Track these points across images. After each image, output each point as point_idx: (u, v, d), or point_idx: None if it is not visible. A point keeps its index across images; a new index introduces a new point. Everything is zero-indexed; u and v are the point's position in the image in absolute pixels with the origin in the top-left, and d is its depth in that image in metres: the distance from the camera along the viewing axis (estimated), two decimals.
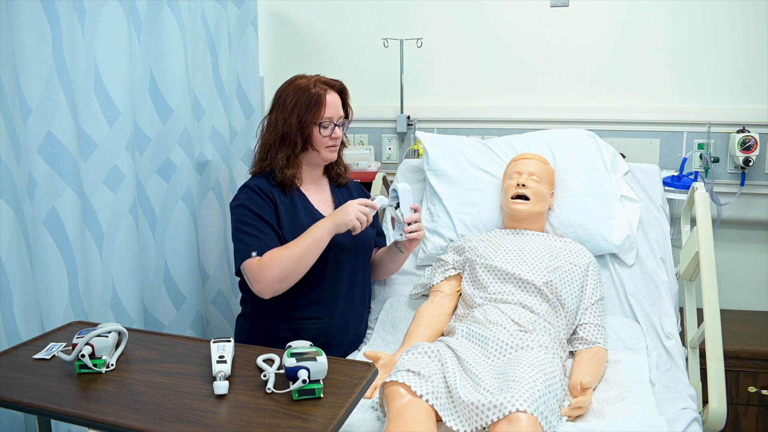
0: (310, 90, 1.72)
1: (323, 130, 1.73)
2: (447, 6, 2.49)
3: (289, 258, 1.62)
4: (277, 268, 1.62)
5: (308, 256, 1.64)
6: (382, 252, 1.97)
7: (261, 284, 1.63)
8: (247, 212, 1.70)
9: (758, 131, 2.23)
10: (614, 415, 1.46)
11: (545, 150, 2.08)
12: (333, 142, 1.77)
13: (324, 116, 1.72)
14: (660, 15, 2.33)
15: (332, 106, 1.74)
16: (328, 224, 1.65)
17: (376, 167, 2.47)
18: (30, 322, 1.48)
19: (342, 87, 1.80)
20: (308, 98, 1.72)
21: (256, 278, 1.63)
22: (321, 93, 1.72)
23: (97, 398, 1.18)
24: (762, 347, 2.10)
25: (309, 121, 1.72)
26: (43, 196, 1.50)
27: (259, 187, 1.73)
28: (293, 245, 1.64)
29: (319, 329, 1.75)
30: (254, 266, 1.63)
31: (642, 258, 1.96)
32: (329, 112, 1.73)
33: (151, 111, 1.85)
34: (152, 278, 1.90)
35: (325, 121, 1.73)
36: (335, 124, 1.75)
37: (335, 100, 1.76)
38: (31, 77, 1.44)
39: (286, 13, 2.64)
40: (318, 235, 1.64)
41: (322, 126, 1.73)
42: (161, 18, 1.83)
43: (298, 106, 1.72)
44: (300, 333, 1.66)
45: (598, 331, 1.71)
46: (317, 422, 1.09)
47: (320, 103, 1.72)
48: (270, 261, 1.62)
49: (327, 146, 1.76)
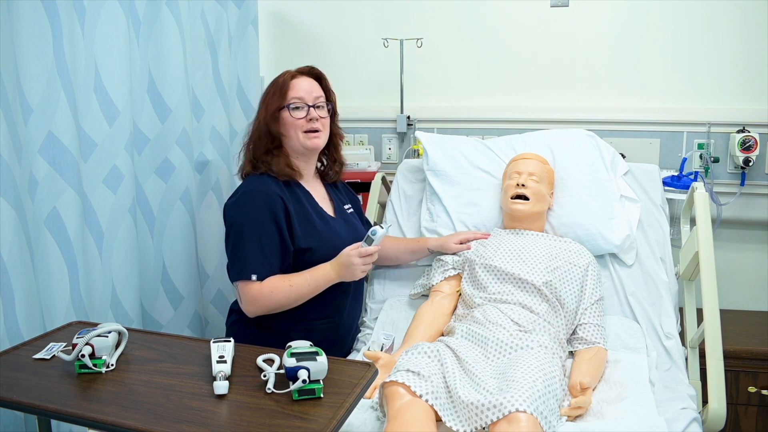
0: (278, 79, 1.73)
1: (294, 112, 1.70)
2: (447, 6, 2.50)
3: (288, 296, 1.64)
4: (274, 302, 1.64)
5: (306, 298, 1.67)
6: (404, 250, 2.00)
7: (252, 307, 1.65)
8: (250, 226, 1.64)
9: (758, 131, 2.23)
10: (614, 415, 1.46)
11: (545, 150, 2.08)
12: (310, 126, 1.71)
13: (291, 97, 1.70)
14: (660, 15, 2.33)
15: (301, 88, 1.71)
16: (333, 277, 1.65)
17: (376, 167, 2.47)
18: (32, 322, 1.48)
19: (316, 72, 1.78)
20: (274, 86, 1.73)
21: (249, 301, 1.64)
22: (286, 78, 1.72)
23: (97, 398, 1.18)
24: (762, 347, 2.10)
25: (276, 106, 1.70)
26: (45, 196, 1.50)
27: (265, 191, 1.67)
28: (297, 285, 1.64)
29: (329, 329, 1.77)
30: (252, 291, 1.63)
31: (642, 258, 1.96)
32: (298, 93, 1.71)
33: (149, 111, 1.85)
34: (150, 278, 1.90)
35: (293, 102, 1.70)
36: (310, 106, 1.71)
37: (306, 83, 1.73)
38: (31, 77, 1.44)
39: (286, 13, 2.64)
40: (321, 284, 1.66)
41: (291, 107, 1.70)
42: (160, 18, 1.83)
43: (267, 96, 1.73)
44: (312, 333, 1.65)
45: (598, 331, 1.71)
46: (317, 422, 1.09)
47: (285, 86, 1.71)
48: (270, 293, 1.62)
49: (305, 130, 1.71)
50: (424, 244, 1.98)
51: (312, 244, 1.69)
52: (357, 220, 1.90)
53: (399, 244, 2.03)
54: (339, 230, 1.77)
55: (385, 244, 1.97)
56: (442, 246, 1.94)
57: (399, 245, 2.02)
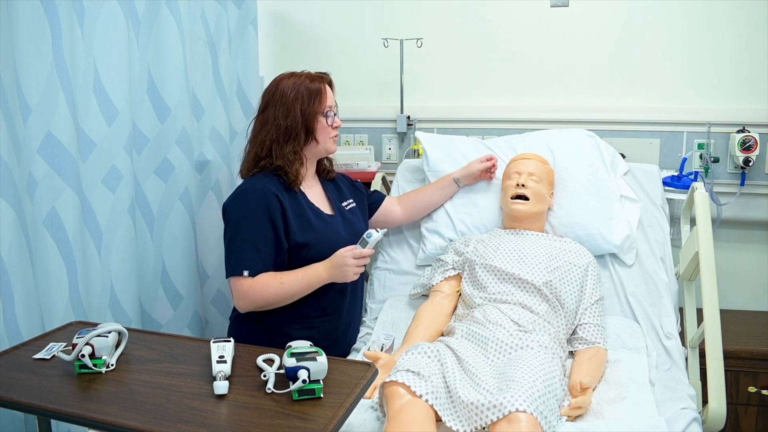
0: (308, 82, 1.75)
1: (327, 119, 1.77)
2: (447, 6, 2.49)
3: (279, 294, 1.65)
4: (264, 298, 1.65)
5: (297, 296, 1.68)
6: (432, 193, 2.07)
7: (242, 302, 1.67)
8: (246, 223, 1.67)
9: (758, 131, 2.23)
10: (614, 415, 1.46)
11: (545, 150, 2.08)
12: (335, 132, 1.80)
13: (327, 105, 1.76)
14: (660, 15, 2.33)
15: (330, 96, 1.79)
16: (325, 277, 1.67)
17: (376, 167, 2.46)
18: (31, 322, 1.48)
19: (330, 80, 1.84)
20: (309, 90, 1.74)
21: (240, 297, 1.66)
22: (320, 84, 1.76)
23: (97, 398, 1.18)
24: (762, 347, 2.10)
25: (313, 111, 1.74)
26: (43, 196, 1.50)
27: (262, 190, 1.69)
28: (288, 282, 1.66)
29: (329, 327, 1.77)
30: (243, 286, 1.65)
31: (642, 258, 1.96)
32: (330, 101, 1.78)
33: (149, 111, 1.85)
34: (149, 278, 1.89)
35: (329, 110, 1.77)
36: (334, 113, 1.79)
37: (330, 91, 1.80)
38: (31, 77, 1.44)
39: (286, 13, 2.64)
40: (313, 284, 1.68)
41: (327, 114, 1.76)
42: (160, 18, 1.83)
43: (300, 98, 1.73)
44: (313, 332, 1.67)
45: (598, 331, 1.71)
46: (317, 422, 1.09)
47: (322, 93, 1.75)
48: (260, 289, 1.64)
49: (331, 136, 1.79)
50: (449, 178, 2.07)
51: (308, 240, 1.71)
52: (358, 216, 1.90)
53: (425, 190, 2.09)
54: (337, 228, 1.79)
55: (410, 196, 2.08)
56: (466, 174, 2.05)
57: (425, 191, 2.09)
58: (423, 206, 2.08)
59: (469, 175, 2.05)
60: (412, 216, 2.09)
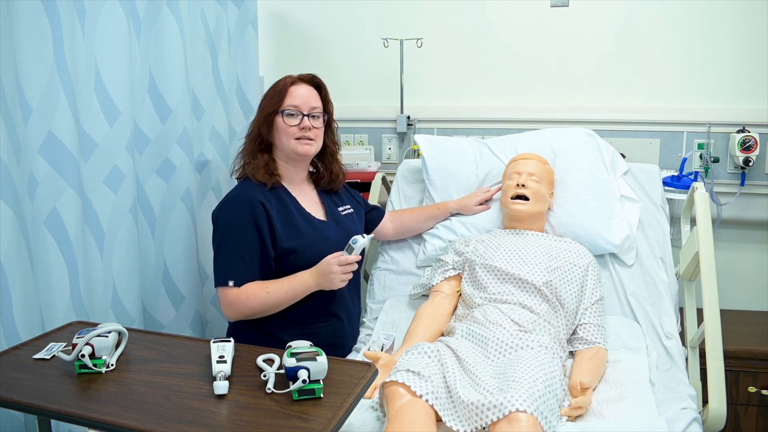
0: (278, 84, 1.74)
1: (288, 119, 1.71)
2: (447, 6, 2.49)
3: (265, 303, 1.65)
4: (251, 307, 1.65)
5: (284, 305, 1.67)
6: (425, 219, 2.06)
7: (230, 312, 1.67)
8: (231, 232, 1.67)
9: (758, 131, 2.23)
10: (614, 415, 1.46)
11: (545, 150, 2.08)
12: (302, 134, 1.72)
13: (287, 104, 1.71)
14: (660, 15, 2.33)
15: (298, 96, 1.72)
16: (312, 284, 1.66)
17: (376, 167, 2.47)
18: (30, 323, 1.48)
19: (317, 81, 1.79)
20: (273, 90, 1.74)
21: (227, 306, 1.66)
22: (286, 83, 1.73)
23: (97, 398, 1.18)
24: (762, 347, 2.10)
25: (271, 110, 1.72)
26: (44, 196, 1.50)
27: (247, 198, 1.68)
28: (274, 291, 1.65)
29: (328, 332, 1.77)
30: (229, 296, 1.65)
31: (642, 258, 1.96)
32: (295, 101, 1.72)
33: (150, 111, 1.85)
34: (151, 278, 1.90)
35: (288, 109, 1.71)
36: (305, 115, 1.72)
37: (305, 91, 1.74)
38: (31, 77, 1.44)
39: (286, 13, 2.64)
40: (299, 291, 1.66)
41: (285, 114, 1.71)
42: (161, 18, 1.83)
43: (265, 98, 1.75)
44: (313, 337, 1.64)
45: (598, 331, 1.71)
46: (317, 422, 1.09)
47: (284, 92, 1.72)
48: (246, 299, 1.64)
49: (296, 137, 1.72)
50: (445, 209, 2.06)
51: (296, 246, 1.69)
52: (354, 222, 1.89)
53: (419, 214, 2.08)
54: (328, 234, 1.77)
55: (404, 217, 2.07)
56: (463, 207, 2.05)
57: (419, 215, 2.08)
58: (415, 230, 2.10)
59: (466, 208, 2.05)
60: (401, 235, 2.11)
